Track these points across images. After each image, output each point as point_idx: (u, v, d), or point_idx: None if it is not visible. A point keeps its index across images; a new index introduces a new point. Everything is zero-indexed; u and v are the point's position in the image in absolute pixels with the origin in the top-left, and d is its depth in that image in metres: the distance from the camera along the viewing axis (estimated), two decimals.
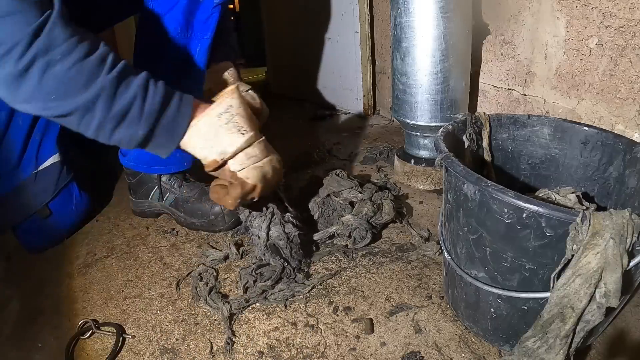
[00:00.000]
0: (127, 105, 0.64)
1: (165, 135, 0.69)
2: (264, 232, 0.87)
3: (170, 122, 0.68)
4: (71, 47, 0.60)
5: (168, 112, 0.68)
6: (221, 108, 0.71)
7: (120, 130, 0.65)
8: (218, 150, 0.72)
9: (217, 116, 0.70)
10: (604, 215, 0.51)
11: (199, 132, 0.70)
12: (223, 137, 0.71)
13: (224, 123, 0.71)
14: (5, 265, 1.00)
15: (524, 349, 0.56)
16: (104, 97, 0.62)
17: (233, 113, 0.72)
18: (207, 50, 0.95)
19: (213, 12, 0.92)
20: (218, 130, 0.71)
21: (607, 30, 0.96)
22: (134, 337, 0.76)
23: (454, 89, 1.14)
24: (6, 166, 0.96)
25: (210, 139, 0.71)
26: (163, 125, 0.68)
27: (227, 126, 0.71)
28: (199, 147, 0.72)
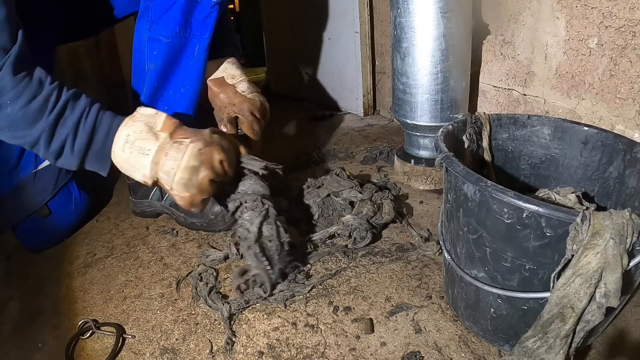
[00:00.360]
0: (61, 145, 0.74)
1: (96, 163, 0.77)
2: (255, 227, 0.83)
3: (96, 154, 0.76)
4: (18, 93, 0.70)
5: (94, 147, 0.76)
6: (121, 140, 0.75)
7: (60, 160, 0.76)
8: (139, 176, 0.76)
9: (121, 149, 0.75)
10: (604, 215, 0.51)
11: (118, 162, 0.77)
12: (133, 166, 0.76)
13: (129, 153, 0.75)
14: (5, 265, 1.00)
15: (524, 349, 0.56)
16: (43, 138, 0.73)
17: (131, 141, 0.75)
18: (206, 49, 0.95)
19: (211, 11, 0.92)
20: (128, 160, 0.75)
21: (607, 30, 0.96)
22: (134, 337, 0.76)
23: (454, 89, 1.14)
24: (5, 165, 0.96)
25: (128, 169, 0.76)
26: (91, 157, 0.77)
27: (132, 155, 0.75)
28: (127, 173, 0.78)
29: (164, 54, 0.94)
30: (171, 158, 0.75)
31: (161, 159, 0.75)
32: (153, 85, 0.98)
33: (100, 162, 0.77)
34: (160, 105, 1.00)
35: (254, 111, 1.01)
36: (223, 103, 1.02)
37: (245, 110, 1.00)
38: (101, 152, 0.76)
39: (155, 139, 0.75)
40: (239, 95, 1.02)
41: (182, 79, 0.98)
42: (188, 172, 0.75)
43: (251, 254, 0.83)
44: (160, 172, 0.75)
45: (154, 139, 0.75)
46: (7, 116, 0.71)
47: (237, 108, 1.01)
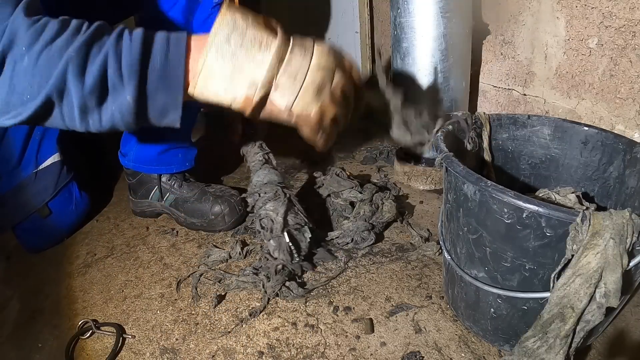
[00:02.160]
0: (100, 70, 0.52)
1: (162, 89, 0.54)
2: (280, 217, 0.78)
3: (160, 70, 0.54)
4: (36, 33, 0.51)
5: (153, 60, 0.53)
6: (225, 29, 0.54)
7: (107, 105, 0.53)
8: (245, 82, 0.55)
9: (225, 41, 0.54)
10: (604, 215, 0.51)
11: (210, 71, 0.55)
12: (244, 64, 0.55)
13: (239, 45, 0.54)
14: (5, 265, 1.00)
15: (524, 349, 0.56)
16: (72, 71, 0.51)
17: (242, 29, 0.55)
18: None
19: (212, 12, 0.92)
20: (233, 57, 0.54)
21: (607, 30, 0.96)
22: (134, 337, 0.76)
23: (454, 89, 1.14)
24: (6, 165, 0.96)
25: (229, 74, 0.55)
26: (153, 78, 0.54)
27: (244, 47, 0.54)
28: (221, 90, 0.56)
29: None
30: (299, 55, 0.56)
31: (286, 54, 0.56)
32: None
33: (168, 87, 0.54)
34: None
35: None
36: None
37: None
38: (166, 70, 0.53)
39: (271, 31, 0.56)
40: None
41: None
42: (322, 73, 0.58)
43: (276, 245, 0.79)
44: (282, 75, 0.56)
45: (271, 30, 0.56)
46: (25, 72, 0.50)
47: None
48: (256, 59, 0.55)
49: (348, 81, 0.61)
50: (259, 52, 0.55)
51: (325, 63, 0.58)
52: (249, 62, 0.55)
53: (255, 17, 0.57)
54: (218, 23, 0.55)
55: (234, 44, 0.54)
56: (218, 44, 0.54)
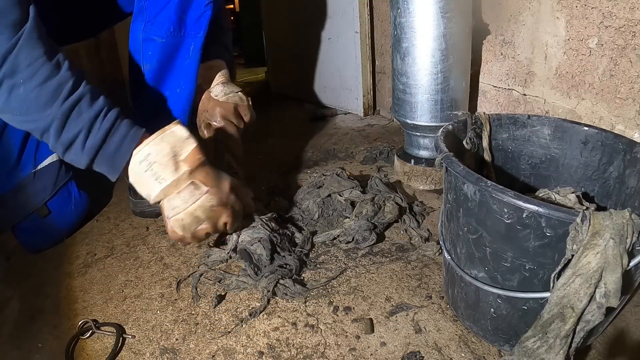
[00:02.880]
0: (72, 137, 0.71)
1: (106, 167, 0.75)
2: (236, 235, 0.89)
3: (108, 158, 0.73)
4: (33, 71, 0.67)
5: (107, 149, 0.73)
6: (141, 155, 0.73)
7: (68, 154, 0.73)
8: (143, 193, 0.76)
9: (138, 163, 0.73)
10: (604, 215, 0.51)
11: (130, 170, 0.75)
12: (143, 184, 0.74)
13: (143, 171, 0.73)
14: (5, 265, 1.00)
15: (524, 349, 0.56)
16: (55, 126, 0.70)
17: (150, 161, 0.73)
18: (200, 48, 0.95)
19: (205, 9, 0.92)
20: (140, 176, 0.74)
21: (607, 30, 0.96)
22: (134, 337, 0.76)
23: (454, 89, 1.14)
24: (5, 165, 0.96)
25: (136, 181, 0.75)
26: (102, 160, 0.74)
27: (146, 174, 0.73)
28: (133, 183, 0.76)
29: (159, 54, 0.94)
30: (181, 198, 0.75)
31: (172, 193, 0.75)
32: (150, 86, 0.98)
33: (111, 166, 0.75)
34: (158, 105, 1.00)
35: (227, 115, 1.02)
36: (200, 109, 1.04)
37: (216, 116, 1.02)
38: (113, 158, 0.74)
39: (174, 170, 0.74)
40: (212, 101, 1.03)
41: (178, 79, 0.98)
42: (190, 219, 0.76)
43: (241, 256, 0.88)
44: (165, 202, 0.76)
45: (173, 169, 0.73)
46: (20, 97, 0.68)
47: (209, 114, 1.02)
48: (151, 186, 0.74)
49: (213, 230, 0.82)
50: (154, 183, 0.73)
51: (197, 214, 0.77)
52: (147, 185, 0.74)
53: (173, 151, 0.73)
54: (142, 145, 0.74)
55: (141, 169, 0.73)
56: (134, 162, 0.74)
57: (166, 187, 0.73)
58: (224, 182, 0.80)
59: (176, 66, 0.96)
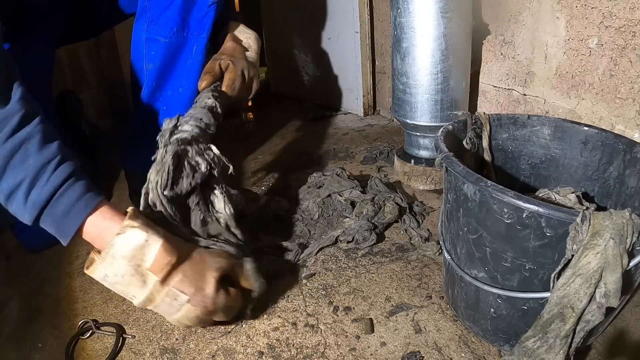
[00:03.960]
0: (13, 187, 0.58)
1: (54, 230, 0.62)
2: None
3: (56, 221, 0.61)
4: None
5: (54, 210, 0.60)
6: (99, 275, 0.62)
7: (10, 205, 0.60)
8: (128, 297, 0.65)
9: (101, 280, 0.63)
10: (604, 215, 0.51)
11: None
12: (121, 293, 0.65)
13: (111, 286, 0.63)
14: (5, 265, 1.00)
15: (524, 349, 0.56)
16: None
17: (111, 282, 0.62)
18: (204, 49, 0.95)
19: (209, 10, 0.92)
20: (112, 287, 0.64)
21: (607, 30, 0.96)
22: (134, 337, 0.76)
23: (454, 89, 1.14)
24: None
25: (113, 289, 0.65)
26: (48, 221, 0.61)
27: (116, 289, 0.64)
28: None
29: (162, 54, 0.94)
30: (162, 311, 0.66)
31: (150, 304, 0.65)
32: (151, 86, 0.98)
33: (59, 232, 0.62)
34: (159, 105, 1.00)
35: (245, 71, 0.95)
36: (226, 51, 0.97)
37: (239, 65, 0.94)
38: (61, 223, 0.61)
39: (142, 284, 0.62)
40: (242, 55, 0.98)
41: (181, 79, 0.98)
42: (180, 323, 0.70)
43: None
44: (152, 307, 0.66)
45: (141, 284, 0.62)
46: None
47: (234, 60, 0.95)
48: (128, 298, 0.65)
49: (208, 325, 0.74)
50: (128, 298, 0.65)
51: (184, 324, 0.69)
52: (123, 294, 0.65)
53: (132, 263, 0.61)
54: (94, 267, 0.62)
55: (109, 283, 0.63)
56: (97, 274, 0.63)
57: (142, 302, 0.64)
58: (207, 279, 0.66)
59: (179, 66, 0.96)
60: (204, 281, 0.66)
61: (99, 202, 0.63)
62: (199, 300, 0.65)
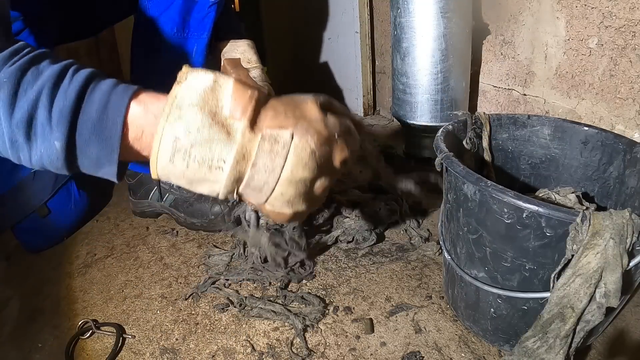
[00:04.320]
0: (31, 106, 0.45)
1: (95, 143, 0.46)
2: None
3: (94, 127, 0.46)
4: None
5: (89, 109, 0.46)
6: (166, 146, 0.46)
7: (36, 145, 0.47)
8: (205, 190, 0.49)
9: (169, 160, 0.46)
10: (604, 215, 0.51)
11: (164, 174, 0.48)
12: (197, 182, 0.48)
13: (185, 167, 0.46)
14: (5, 265, 1.00)
15: (524, 349, 0.56)
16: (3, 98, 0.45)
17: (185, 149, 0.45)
18: (204, 49, 0.95)
19: (209, 11, 0.91)
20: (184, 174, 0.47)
21: (607, 30, 0.96)
22: (134, 337, 0.76)
23: (454, 89, 1.14)
24: (4, 165, 0.96)
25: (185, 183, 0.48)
26: (85, 129, 0.46)
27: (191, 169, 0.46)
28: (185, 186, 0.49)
29: None
30: (263, 169, 0.47)
31: (246, 171, 0.47)
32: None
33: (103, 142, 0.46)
34: None
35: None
36: None
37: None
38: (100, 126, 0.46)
39: (227, 137, 0.46)
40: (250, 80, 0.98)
41: None
42: (295, 187, 0.49)
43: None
44: (244, 189, 0.48)
45: (226, 136, 0.46)
46: None
47: None
48: (209, 179, 0.47)
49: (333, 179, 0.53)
50: (211, 174, 0.46)
51: (299, 176, 0.48)
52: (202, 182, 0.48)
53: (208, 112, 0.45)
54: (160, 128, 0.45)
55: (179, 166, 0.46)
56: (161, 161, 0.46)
57: (232, 170, 0.46)
58: (305, 104, 0.51)
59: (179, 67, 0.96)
60: (302, 106, 0.50)
61: (136, 90, 0.48)
62: (305, 126, 0.48)
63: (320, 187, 0.51)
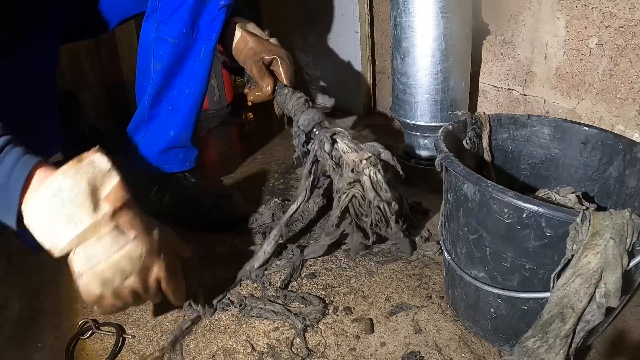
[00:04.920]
0: None
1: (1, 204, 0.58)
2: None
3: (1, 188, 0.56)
4: None
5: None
6: (49, 191, 0.56)
7: None
8: (49, 240, 0.59)
9: (47, 200, 0.57)
10: (604, 215, 0.51)
11: (30, 213, 0.58)
12: (52, 227, 0.58)
13: (52, 212, 0.57)
14: (6, 265, 1.00)
15: (524, 349, 0.56)
16: None
17: (63, 198, 0.56)
18: (212, 51, 0.95)
19: (219, 13, 0.92)
20: (47, 218, 0.57)
21: (607, 30, 0.96)
22: (134, 337, 0.76)
23: (454, 89, 1.14)
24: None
25: (41, 226, 0.58)
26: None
27: (55, 216, 0.57)
28: (34, 231, 0.59)
29: (170, 55, 0.94)
30: (102, 246, 0.59)
31: (90, 238, 0.59)
32: (158, 85, 0.97)
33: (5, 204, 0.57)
34: (164, 104, 1.00)
35: (288, 57, 0.97)
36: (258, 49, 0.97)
37: (282, 54, 0.96)
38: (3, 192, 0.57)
39: (92, 210, 0.58)
40: (273, 44, 0.98)
41: (187, 80, 0.98)
42: (113, 271, 0.61)
43: None
44: (79, 251, 0.60)
45: (91, 209, 0.58)
46: None
47: (274, 52, 0.95)
48: (61, 231, 0.58)
49: (142, 288, 0.65)
50: (66, 227, 0.58)
51: (122, 266, 0.61)
52: (55, 229, 0.58)
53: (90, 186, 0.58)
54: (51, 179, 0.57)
55: (51, 207, 0.57)
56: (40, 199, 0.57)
57: (83, 232, 0.58)
58: (154, 228, 0.66)
59: (186, 68, 0.96)
60: (151, 227, 0.65)
61: (35, 164, 0.58)
62: (145, 239, 0.63)
63: (127, 286, 0.63)
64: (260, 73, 0.94)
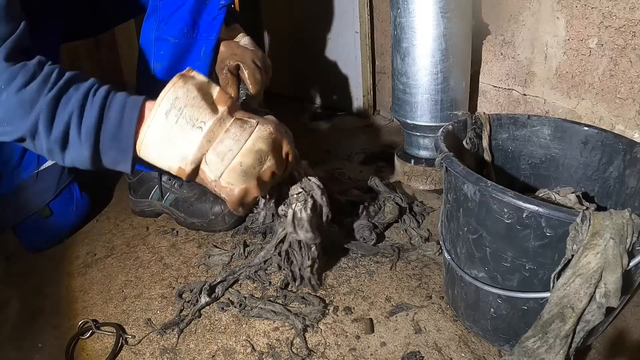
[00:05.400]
0: (65, 127, 0.60)
1: (114, 151, 0.62)
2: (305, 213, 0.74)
3: (112, 136, 0.61)
4: (13, 75, 0.58)
5: (108, 125, 0.60)
6: (166, 105, 0.60)
7: (69, 153, 0.62)
8: (177, 157, 0.61)
9: (164, 116, 0.60)
10: (604, 215, 0.51)
11: (149, 142, 0.61)
12: (177, 141, 0.60)
13: (174, 123, 0.60)
14: (5, 265, 1.00)
15: (524, 349, 0.56)
16: (43, 121, 0.59)
17: (180, 107, 0.60)
18: (212, 51, 0.95)
19: (219, 13, 0.92)
20: (170, 132, 0.60)
21: (607, 30, 0.96)
22: (134, 337, 0.76)
23: (454, 89, 1.14)
24: (7, 166, 0.96)
25: (164, 146, 0.61)
26: (106, 141, 0.61)
27: (178, 125, 0.60)
28: (158, 159, 0.62)
29: (170, 54, 0.94)
30: (232, 137, 0.61)
31: (218, 135, 0.61)
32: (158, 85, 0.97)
33: (120, 148, 0.61)
34: None
35: (256, 60, 0.98)
36: (224, 55, 0.98)
37: (247, 58, 0.96)
38: (117, 134, 0.61)
39: (211, 111, 0.61)
40: (240, 47, 0.99)
41: None
42: (252, 157, 0.62)
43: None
44: (210, 154, 0.61)
45: (210, 110, 0.61)
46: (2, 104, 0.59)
47: (238, 57, 0.96)
48: (187, 138, 0.60)
49: (279, 166, 0.67)
50: (191, 132, 0.60)
51: (258, 147, 0.63)
52: (181, 140, 0.61)
53: (201, 92, 0.61)
54: (163, 94, 0.61)
55: (170, 121, 0.60)
56: (157, 118, 0.60)
57: (210, 130, 0.60)
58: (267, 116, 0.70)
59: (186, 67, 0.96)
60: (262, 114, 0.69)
61: (142, 102, 0.62)
62: (266, 121, 0.66)
63: (268, 170, 0.65)
64: (224, 82, 0.95)
